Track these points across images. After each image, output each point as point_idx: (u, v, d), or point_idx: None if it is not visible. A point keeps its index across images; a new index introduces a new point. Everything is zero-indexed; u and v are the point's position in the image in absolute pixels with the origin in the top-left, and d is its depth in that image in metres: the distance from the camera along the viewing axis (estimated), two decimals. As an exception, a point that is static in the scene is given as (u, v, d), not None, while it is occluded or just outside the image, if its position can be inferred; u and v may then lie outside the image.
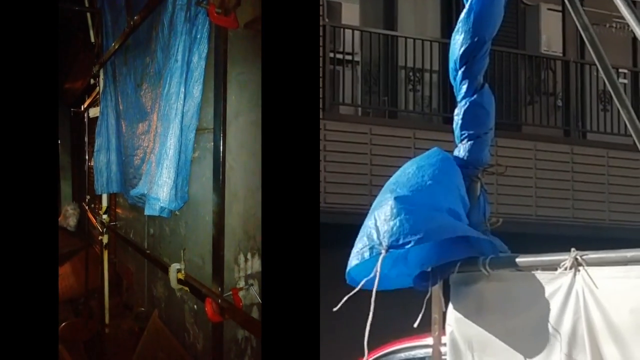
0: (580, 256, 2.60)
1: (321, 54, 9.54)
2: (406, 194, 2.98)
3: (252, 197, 4.69)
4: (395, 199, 2.96)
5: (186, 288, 5.52)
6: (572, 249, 2.64)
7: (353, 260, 2.98)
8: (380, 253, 2.90)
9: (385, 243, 2.90)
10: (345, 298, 2.92)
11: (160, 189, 5.09)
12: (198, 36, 4.94)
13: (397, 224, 2.91)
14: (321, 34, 9.54)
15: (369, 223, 2.99)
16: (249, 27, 4.72)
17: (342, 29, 9.96)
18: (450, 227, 2.94)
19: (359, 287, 2.94)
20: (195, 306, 5.88)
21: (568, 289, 2.63)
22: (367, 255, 2.93)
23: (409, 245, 2.88)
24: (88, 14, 10.34)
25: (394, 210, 2.94)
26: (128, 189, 7.17)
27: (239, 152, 4.87)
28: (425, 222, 2.91)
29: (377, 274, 2.87)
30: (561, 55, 11.34)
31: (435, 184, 3.02)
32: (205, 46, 4.93)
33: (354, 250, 2.99)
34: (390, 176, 3.13)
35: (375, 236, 2.93)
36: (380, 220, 2.95)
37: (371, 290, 2.89)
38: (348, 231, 3.40)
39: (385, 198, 3.00)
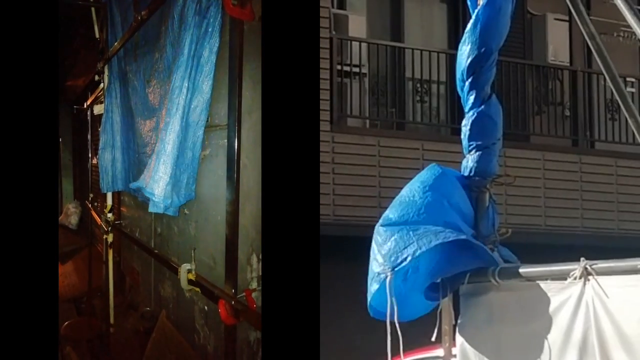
0: (590, 265, 2.60)
1: (328, 66, 9.54)
2: (394, 218, 3.04)
3: (264, 195, 4.59)
4: (382, 225, 3.05)
5: (197, 289, 5.40)
6: (582, 259, 2.64)
7: (370, 294, 3.04)
8: (387, 277, 2.94)
9: (388, 265, 2.96)
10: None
11: (155, 183, 5.00)
12: (209, 29, 4.75)
13: (392, 244, 2.97)
14: (328, 46, 9.55)
15: (371, 258, 3.05)
16: (263, 21, 4.60)
17: (349, 42, 9.96)
18: (443, 234, 2.96)
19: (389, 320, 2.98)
20: (205, 307, 5.77)
21: (578, 299, 2.63)
22: (377, 284, 3.00)
23: (409, 259, 2.93)
24: (92, 9, 10.05)
25: (385, 235, 3.02)
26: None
27: (252, 150, 4.73)
28: (418, 235, 2.95)
29: (389, 298, 2.95)
30: (568, 64, 11.32)
31: (427, 201, 3.05)
32: (217, 40, 4.76)
33: (368, 285, 3.05)
34: (399, 188, 3.15)
35: (377, 264, 3.01)
36: (377, 247, 3.03)
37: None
38: (357, 243, 3.41)
39: (377, 225, 3.07)
